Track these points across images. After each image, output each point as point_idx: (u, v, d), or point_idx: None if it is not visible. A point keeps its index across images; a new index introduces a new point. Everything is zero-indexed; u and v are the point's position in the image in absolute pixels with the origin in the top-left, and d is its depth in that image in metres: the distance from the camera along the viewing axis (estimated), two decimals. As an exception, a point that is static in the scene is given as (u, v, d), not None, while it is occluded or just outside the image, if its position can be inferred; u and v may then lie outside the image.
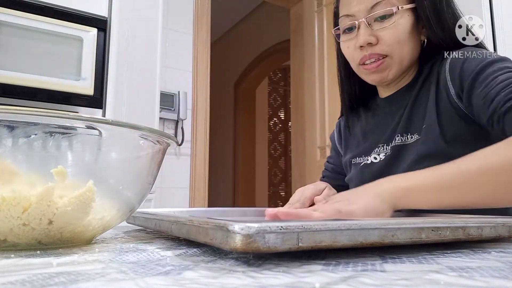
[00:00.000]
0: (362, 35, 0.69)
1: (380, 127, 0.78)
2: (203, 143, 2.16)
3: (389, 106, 0.77)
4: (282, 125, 5.19)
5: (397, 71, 0.71)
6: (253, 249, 0.27)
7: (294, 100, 2.62)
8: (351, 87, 0.84)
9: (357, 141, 0.82)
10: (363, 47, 0.70)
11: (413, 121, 0.71)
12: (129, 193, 0.41)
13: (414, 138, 0.69)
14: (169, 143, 0.44)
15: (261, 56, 4.00)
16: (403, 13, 0.68)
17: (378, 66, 0.70)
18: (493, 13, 1.49)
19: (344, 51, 0.75)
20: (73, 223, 0.36)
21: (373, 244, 0.31)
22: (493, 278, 0.24)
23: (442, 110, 0.67)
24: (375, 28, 0.69)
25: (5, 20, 1.31)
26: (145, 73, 1.67)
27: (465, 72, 0.64)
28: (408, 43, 0.69)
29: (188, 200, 2.08)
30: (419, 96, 0.72)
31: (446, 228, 0.35)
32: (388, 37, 0.68)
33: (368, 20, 0.69)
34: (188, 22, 2.21)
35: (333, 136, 0.93)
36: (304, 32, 2.49)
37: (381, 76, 0.71)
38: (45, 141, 0.35)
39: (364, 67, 0.71)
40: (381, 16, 0.68)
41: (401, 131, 0.72)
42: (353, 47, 0.71)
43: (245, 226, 0.26)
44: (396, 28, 0.68)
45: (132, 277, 0.24)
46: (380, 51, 0.69)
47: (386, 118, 0.77)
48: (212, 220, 0.30)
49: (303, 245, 0.28)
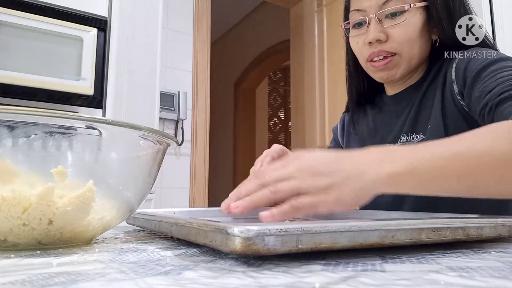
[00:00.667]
0: (372, 31, 0.68)
1: (386, 126, 0.77)
2: (203, 143, 2.16)
3: (395, 105, 0.77)
4: (282, 125, 5.19)
5: (405, 69, 0.70)
6: (252, 252, 0.27)
7: (294, 100, 2.62)
8: (360, 82, 0.82)
9: (362, 138, 0.82)
10: (372, 44, 0.69)
11: (419, 121, 0.70)
12: (129, 193, 0.41)
13: (419, 138, 0.69)
14: (169, 143, 0.44)
15: (261, 56, 4.00)
16: (415, 11, 0.67)
17: (386, 64, 0.69)
18: (493, 13, 1.49)
19: (353, 46, 0.74)
20: (73, 223, 0.36)
21: (373, 245, 0.31)
22: (493, 278, 0.24)
23: (447, 110, 0.66)
24: (385, 24, 0.68)
25: (5, 20, 1.31)
26: (145, 73, 1.67)
27: (469, 70, 0.64)
28: (418, 42, 0.68)
29: (188, 200, 2.08)
30: (425, 96, 0.71)
31: (446, 229, 0.35)
32: (398, 34, 0.67)
33: (379, 16, 0.68)
34: (188, 22, 2.21)
35: (336, 129, 0.93)
36: (304, 32, 2.49)
37: (388, 74, 0.70)
38: (45, 141, 0.35)
39: (372, 64, 0.70)
40: (392, 13, 0.67)
41: (407, 131, 0.71)
42: (362, 43, 0.70)
43: (244, 229, 0.26)
44: (407, 26, 0.67)
45: (132, 277, 0.24)
46: (389, 49, 0.68)
47: (392, 117, 0.77)
48: (211, 222, 0.30)
49: (303, 247, 0.28)
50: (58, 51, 1.40)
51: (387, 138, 0.75)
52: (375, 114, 0.81)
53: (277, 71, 5.10)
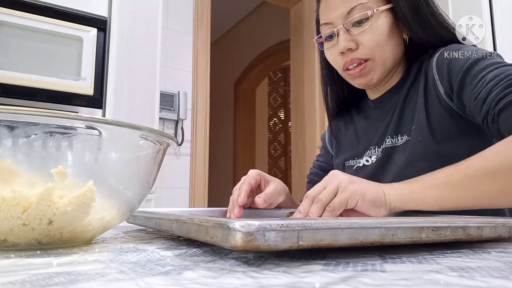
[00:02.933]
0: (342, 41, 0.69)
1: (371, 130, 0.78)
2: (203, 143, 2.16)
3: (378, 108, 0.78)
4: (282, 125, 5.19)
5: (382, 73, 0.71)
6: (253, 247, 0.26)
7: (294, 100, 2.62)
8: (337, 93, 0.84)
9: (351, 143, 0.83)
10: (344, 53, 0.70)
11: (403, 123, 0.71)
12: (129, 193, 0.41)
13: (404, 139, 0.69)
14: (169, 143, 0.44)
15: (261, 56, 4.00)
16: (380, 15, 0.68)
17: (361, 70, 0.70)
18: (493, 13, 1.49)
19: (328, 58, 0.75)
20: (73, 223, 0.36)
21: (373, 243, 0.31)
22: (493, 278, 0.24)
23: (432, 110, 0.67)
24: (353, 33, 0.69)
25: (5, 20, 1.31)
26: (145, 73, 1.67)
27: (453, 70, 0.64)
28: (388, 44, 0.69)
29: (188, 200, 2.08)
30: (408, 97, 0.72)
31: (446, 228, 0.35)
32: (367, 41, 0.68)
33: (346, 26, 0.69)
34: (188, 22, 2.21)
35: (324, 136, 0.94)
36: (304, 32, 2.49)
37: (366, 80, 0.71)
38: (45, 141, 0.35)
39: (348, 73, 0.72)
40: (357, 20, 0.68)
41: (391, 133, 0.72)
42: (336, 54, 0.72)
43: (245, 224, 0.26)
44: (374, 31, 0.68)
45: (132, 277, 0.24)
46: (361, 56, 0.69)
47: (376, 121, 0.77)
48: (212, 218, 0.30)
49: (304, 244, 0.28)
50: (58, 51, 1.40)
51: (372, 141, 0.76)
52: (359, 118, 0.83)
53: (277, 71, 5.10)
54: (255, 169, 0.72)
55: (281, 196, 0.71)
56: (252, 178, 0.69)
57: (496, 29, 1.48)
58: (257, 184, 0.70)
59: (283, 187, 0.73)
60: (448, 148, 0.64)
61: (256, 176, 0.70)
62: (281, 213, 0.71)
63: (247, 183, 0.68)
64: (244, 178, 0.69)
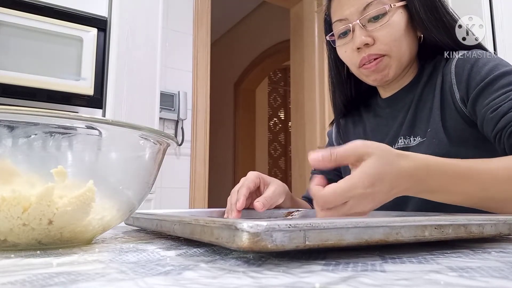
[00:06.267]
0: (358, 36, 0.68)
1: (382, 129, 0.77)
2: (203, 143, 2.16)
3: (390, 107, 0.77)
4: (282, 125, 5.19)
5: (397, 69, 0.71)
6: (260, 248, 0.26)
7: (294, 100, 2.62)
8: (345, 93, 0.83)
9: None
10: (361, 49, 0.69)
11: (417, 124, 0.70)
12: (129, 193, 0.41)
13: (417, 141, 0.68)
14: (169, 143, 0.44)
15: (261, 56, 4.00)
16: (396, 11, 0.68)
17: (377, 63, 0.69)
18: (493, 13, 1.49)
19: (342, 55, 0.74)
20: (73, 223, 0.36)
21: (378, 242, 0.31)
22: (493, 278, 0.24)
23: (447, 113, 0.66)
24: (370, 28, 0.68)
25: (5, 20, 1.31)
26: (145, 73, 1.67)
27: (473, 78, 0.63)
28: (405, 40, 0.69)
29: (188, 200, 2.08)
30: (422, 97, 0.71)
31: (449, 226, 0.35)
32: (384, 36, 0.67)
33: (362, 22, 0.68)
34: (188, 22, 2.21)
35: (331, 133, 0.93)
36: (304, 32, 2.49)
37: (381, 75, 0.71)
38: (45, 141, 0.35)
39: (364, 67, 0.71)
40: (374, 16, 0.68)
41: (404, 134, 0.71)
42: (351, 50, 0.71)
43: (254, 224, 0.26)
44: (391, 26, 0.67)
45: (132, 277, 0.24)
46: (378, 51, 0.68)
47: (388, 120, 0.76)
48: (219, 219, 0.30)
49: (310, 244, 0.28)
50: (58, 51, 1.40)
51: (383, 141, 0.75)
52: (370, 117, 0.82)
53: (277, 71, 5.10)
54: (254, 171, 0.71)
55: (281, 197, 0.71)
56: (251, 181, 0.68)
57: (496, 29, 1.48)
58: (256, 186, 0.69)
59: (282, 188, 0.72)
60: (462, 152, 0.63)
61: (255, 178, 0.69)
62: (280, 213, 0.71)
63: (246, 186, 0.67)
64: (243, 181, 0.69)
